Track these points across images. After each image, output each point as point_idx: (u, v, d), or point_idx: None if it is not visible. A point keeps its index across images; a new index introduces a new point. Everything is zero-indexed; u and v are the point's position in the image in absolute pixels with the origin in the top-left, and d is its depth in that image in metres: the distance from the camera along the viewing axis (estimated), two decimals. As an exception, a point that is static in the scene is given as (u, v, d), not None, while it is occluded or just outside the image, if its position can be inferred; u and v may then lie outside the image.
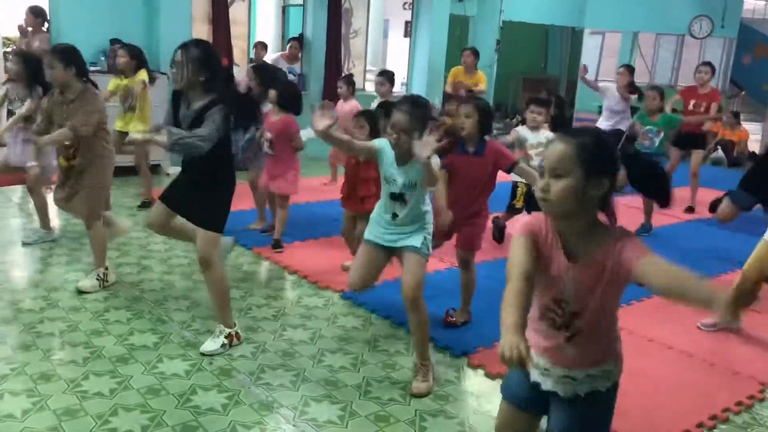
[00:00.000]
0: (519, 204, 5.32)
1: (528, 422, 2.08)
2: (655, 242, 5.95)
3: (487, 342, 3.61)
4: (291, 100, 4.96)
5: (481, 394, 3.24)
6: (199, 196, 3.37)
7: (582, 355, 1.90)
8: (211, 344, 3.40)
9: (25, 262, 4.57)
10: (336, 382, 3.20)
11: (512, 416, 2.08)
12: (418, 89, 9.73)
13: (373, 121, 4.38)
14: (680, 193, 7.51)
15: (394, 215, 3.11)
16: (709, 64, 7.42)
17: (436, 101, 9.54)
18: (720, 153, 10.73)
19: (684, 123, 6.93)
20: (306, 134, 4.79)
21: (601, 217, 1.85)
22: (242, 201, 5.86)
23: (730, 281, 4.29)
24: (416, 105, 3.00)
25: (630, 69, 7.71)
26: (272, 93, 4.90)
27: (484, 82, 7.76)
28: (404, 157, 3.02)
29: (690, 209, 7.27)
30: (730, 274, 5.05)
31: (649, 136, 5.98)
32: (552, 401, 1.98)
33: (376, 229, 3.20)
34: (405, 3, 11.78)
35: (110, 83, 5.93)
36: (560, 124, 11.74)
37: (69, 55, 3.89)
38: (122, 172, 6.76)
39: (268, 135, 4.92)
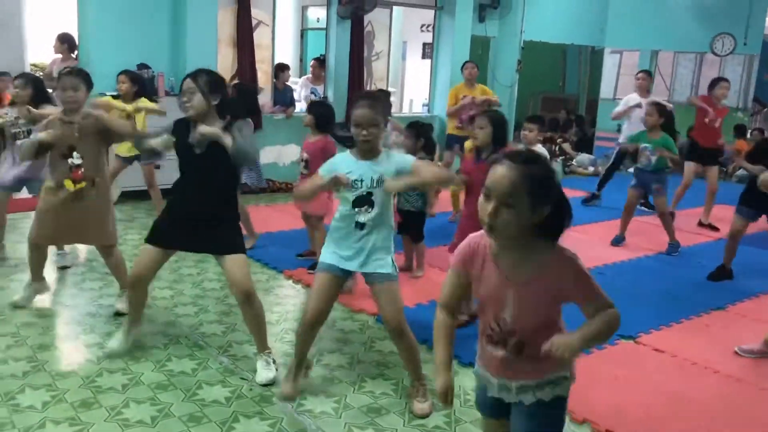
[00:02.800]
0: None
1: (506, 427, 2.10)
2: (683, 262, 5.87)
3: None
4: (327, 121, 5.00)
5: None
6: (221, 224, 3.32)
7: (533, 367, 1.94)
8: (267, 373, 3.33)
9: (58, 288, 4.56)
10: (379, 408, 3.15)
11: (492, 427, 2.15)
12: (440, 110, 9.73)
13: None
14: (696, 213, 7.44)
15: (360, 225, 2.98)
16: (727, 80, 7.37)
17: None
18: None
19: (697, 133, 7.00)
20: None
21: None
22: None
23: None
24: (376, 99, 3.05)
25: (648, 74, 7.87)
26: (309, 118, 4.92)
27: (489, 91, 7.74)
28: (371, 151, 2.98)
29: (713, 227, 7.16)
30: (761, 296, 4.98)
31: (647, 153, 5.93)
32: (512, 407, 2.02)
33: (338, 249, 3.04)
34: (423, 25, 11.83)
35: (110, 104, 5.76)
36: (584, 143, 11.74)
37: (89, 79, 3.91)
38: (132, 195, 6.80)
39: (305, 155, 4.92)
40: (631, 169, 8.31)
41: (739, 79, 13.39)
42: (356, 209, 2.97)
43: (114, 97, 5.97)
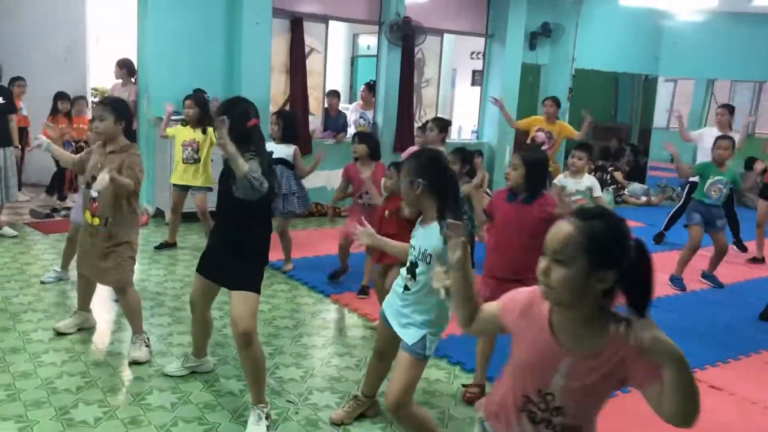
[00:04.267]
0: None
1: None
2: (740, 298, 5.68)
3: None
4: (377, 150, 5.14)
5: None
6: (240, 258, 3.10)
7: None
8: (256, 428, 3.04)
9: (112, 307, 4.66)
10: (425, 437, 3.11)
11: None
12: (489, 138, 9.73)
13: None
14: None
15: (406, 288, 2.77)
16: None
17: (507, 149, 9.53)
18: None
19: None
20: None
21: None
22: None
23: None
24: (415, 155, 2.84)
25: (730, 109, 7.27)
26: (363, 148, 5.02)
27: (569, 130, 7.48)
28: (425, 217, 2.75)
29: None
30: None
31: (719, 187, 5.69)
32: None
33: (391, 298, 2.89)
34: (473, 52, 11.86)
35: (178, 132, 6.00)
36: (636, 173, 11.53)
37: (121, 109, 3.75)
38: (184, 217, 6.91)
39: (373, 189, 4.89)
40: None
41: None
42: (406, 274, 2.78)
43: (183, 123, 6.11)
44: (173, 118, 6.75)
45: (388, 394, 2.70)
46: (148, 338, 3.89)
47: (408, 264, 2.77)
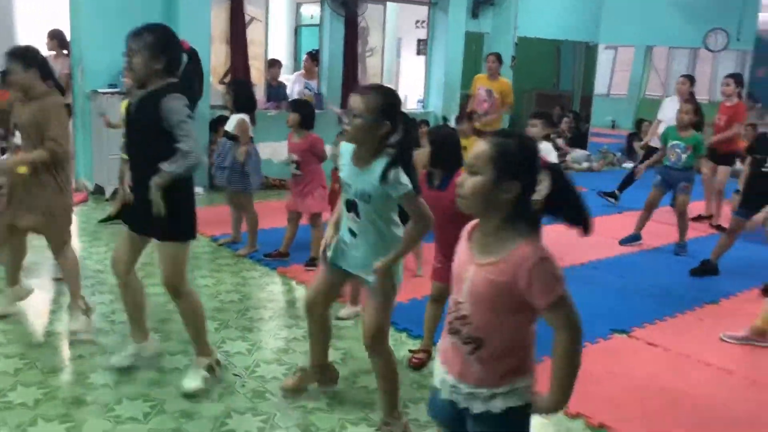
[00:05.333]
0: None
1: None
2: (676, 257, 5.88)
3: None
4: (311, 120, 5.00)
5: None
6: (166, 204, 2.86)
7: (486, 374, 1.80)
8: (192, 381, 3.10)
9: (52, 286, 4.52)
10: (372, 403, 3.15)
11: None
12: (435, 106, 9.74)
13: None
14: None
15: (352, 232, 2.75)
16: (733, 75, 7.34)
17: (452, 118, 9.55)
18: (740, 166, 10.64)
19: (712, 142, 6.99)
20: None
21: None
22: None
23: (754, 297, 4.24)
24: (378, 91, 2.62)
25: (691, 79, 7.40)
26: (294, 117, 4.91)
27: (508, 89, 7.52)
28: (361, 155, 2.64)
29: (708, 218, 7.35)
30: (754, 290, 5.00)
31: (676, 151, 5.88)
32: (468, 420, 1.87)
33: (342, 247, 2.83)
34: (418, 21, 11.79)
35: (123, 105, 5.80)
36: (578, 139, 11.74)
37: (27, 55, 3.49)
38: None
39: (294, 157, 4.95)
40: (628, 164, 8.29)
41: (733, 74, 13.45)
42: (348, 213, 2.76)
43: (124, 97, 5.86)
44: (111, 90, 6.55)
45: (364, 336, 2.77)
46: (85, 303, 3.77)
47: (346, 204, 2.74)
